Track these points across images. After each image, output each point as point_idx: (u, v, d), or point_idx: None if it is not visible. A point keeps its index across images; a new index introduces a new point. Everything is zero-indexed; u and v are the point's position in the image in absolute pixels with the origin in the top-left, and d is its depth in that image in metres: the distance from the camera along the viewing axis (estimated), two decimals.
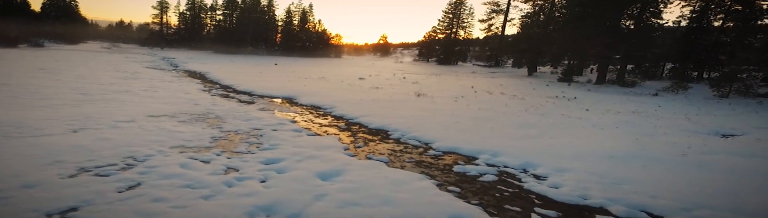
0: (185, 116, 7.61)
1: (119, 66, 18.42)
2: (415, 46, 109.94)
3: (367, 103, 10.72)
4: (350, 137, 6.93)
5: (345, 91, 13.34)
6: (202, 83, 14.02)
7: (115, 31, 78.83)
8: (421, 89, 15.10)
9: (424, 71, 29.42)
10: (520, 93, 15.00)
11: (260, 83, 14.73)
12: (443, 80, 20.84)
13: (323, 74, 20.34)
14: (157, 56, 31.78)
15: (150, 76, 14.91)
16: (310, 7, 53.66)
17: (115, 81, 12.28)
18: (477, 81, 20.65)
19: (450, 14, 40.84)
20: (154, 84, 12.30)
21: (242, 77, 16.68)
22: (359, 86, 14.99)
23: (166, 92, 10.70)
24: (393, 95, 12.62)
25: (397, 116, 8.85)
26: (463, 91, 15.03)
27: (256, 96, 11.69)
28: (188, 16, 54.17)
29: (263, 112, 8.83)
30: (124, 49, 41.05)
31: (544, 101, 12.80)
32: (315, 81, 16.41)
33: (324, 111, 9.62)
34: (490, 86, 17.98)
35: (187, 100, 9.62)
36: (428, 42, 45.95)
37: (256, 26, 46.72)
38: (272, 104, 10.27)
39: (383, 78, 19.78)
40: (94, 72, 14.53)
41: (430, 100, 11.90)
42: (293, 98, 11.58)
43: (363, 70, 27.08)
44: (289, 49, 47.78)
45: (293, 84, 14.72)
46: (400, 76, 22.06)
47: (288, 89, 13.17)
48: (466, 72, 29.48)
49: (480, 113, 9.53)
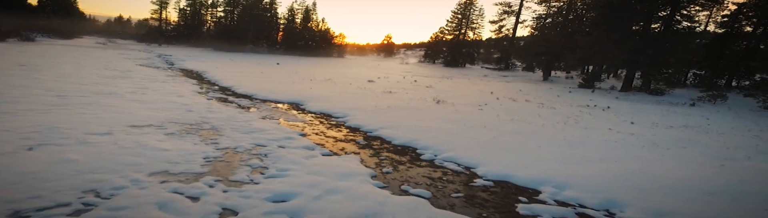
0: (175, 127, 6.41)
1: (110, 63, 17.21)
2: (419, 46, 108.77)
3: (384, 111, 9.54)
4: (374, 156, 5.75)
5: (356, 95, 12.16)
6: (198, 84, 12.82)
7: (112, 27, 77.51)
8: (437, 94, 13.93)
9: (434, 73, 28.26)
10: (547, 101, 13.83)
11: (262, 84, 13.53)
12: (457, 84, 19.67)
13: (329, 76, 19.16)
14: (154, 52, 30.55)
15: (142, 75, 13.70)
16: (314, 5, 52.51)
17: (101, 81, 11.08)
18: (493, 86, 19.49)
19: (459, 15, 39.71)
20: (144, 85, 11.10)
21: (243, 77, 15.48)
22: (370, 90, 13.81)
23: (156, 95, 9.49)
24: (410, 102, 11.45)
25: (422, 128, 7.67)
26: (484, 97, 13.87)
27: (258, 101, 10.49)
28: (188, 12, 52.95)
29: (267, 121, 7.64)
30: (120, 45, 39.80)
31: (577, 110, 11.64)
32: (321, 83, 15.22)
33: (336, 121, 8.43)
34: (510, 91, 16.82)
35: (179, 105, 8.42)
36: (435, 43, 44.83)
37: (258, 24, 45.52)
38: (277, 111, 9.08)
39: (393, 81, 18.61)
40: (79, 70, 13.32)
41: (452, 108, 10.73)
42: (300, 104, 10.40)
43: (370, 71, 25.90)
44: (291, 48, 46.57)
45: (298, 87, 13.54)
46: (410, 79, 20.88)
47: (293, 92, 11.99)
48: (477, 75, 28.32)
49: (515, 126, 8.36)
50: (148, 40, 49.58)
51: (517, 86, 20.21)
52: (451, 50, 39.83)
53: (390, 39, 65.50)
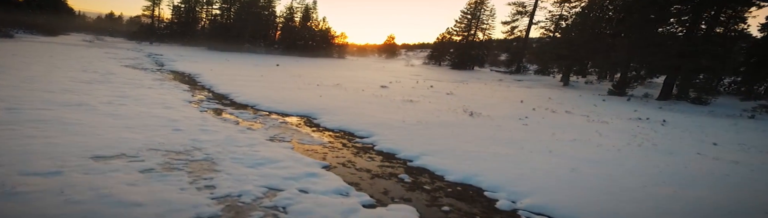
0: (155, 158, 4.78)
1: (91, 64, 15.48)
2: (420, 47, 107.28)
3: (415, 128, 7.94)
4: (432, 206, 4.18)
5: (374, 106, 10.55)
6: (190, 91, 11.15)
7: (103, 24, 75.47)
8: (464, 103, 12.36)
9: (445, 76, 26.70)
10: (588, 112, 12.30)
11: (265, 91, 11.90)
12: (476, 89, 18.12)
13: (337, 80, 17.53)
14: (143, 51, 28.78)
15: (125, 79, 12.01)
16: (315, 3, 50.81)
17: (73, 87, 9.39)
18: (516, 92, 17.96)
19: (468, 15, 38.19)
20: (125, 92, 9.42)
21: (241, 82, 13.83)
22: (388, 99, 12.20)
23: (137, 106, 7.83)
24: (438, 114, 9.85)
25: (474, 154, 6.09)
26: (517, 107, 12.31)
27: (262, 113, 8.86)
28: (182, 9, 51.10)
29: (277, 145, 6.01)
30: (108, 43, 37.97)
31: (634, 125, 10.10)
32: (331, 89, 13.60)
33: (362, 142, 6.82)
34: (539, 99, 15.28)
35: (165, 121, 6.77)
36: (441, 44, 43.30)
37: (256, 22, 43.78)
38: (286, 128, 7.45)
39: (408, 86, 17.02)
40: (51, 72, 11.61)
41: (492, 122, 9.16)
42: (312, 117, 8.77)
43: (377, 74, 24.30)
44: (290, 47, 44.85)
45: (306, 94, 11.91)
46: (424, 83, 19.30)
47: (301, 101, 10.36)
48: (491, 79, 26.80)
49: (585, 151, 6.79)
50: (139, 38, 47.73)
51: (542, 92, 18.68)
52: (459, 52, 38.30)
53: (393, 39, 63.94)
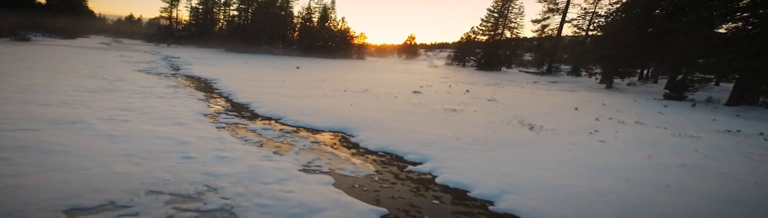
0: (154, 208, 3.48)
1: (102, 69, 14.53)
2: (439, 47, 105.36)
3: (474, 149, 6.52)
4: None
5: (415, 117, 9.14)
6: (205, 100, 9.95)
7: (122, 26, 76.17)
8: (514, 112, 10.83)
9: (474, 79, 25.08)
10: (661, 122, 10.60)
11: (288, 99, 10.62)
12: (517, 94, 16.50)
13: (363, 84, 16.19)
14: (160, 54, 28.06)
15: (135, 86, 10.91)
16: (333, 3, 49.72)
17: (74, 97, 8.27)
18: (562, 97, 16.27)
19: (495, 13, 36.37)
20: (131, 104, 8.25)
21: (262, 88, 12.61)
22: (427, 107, 10.77)
23: (142, 123, 6.60)
24: (493, 128, 8.38)
25: (574, 193, 4.65)
26: (576, 116, 10.71)
27: (289, 128, 7.55)
28: (200, 10, 50.73)
29: (314, 179, 4.67)
30: (126, 45, 37.61)
31: (732, 141, 8.42)
32: (360, 96, 12.25)
33: (417, 171, 5.44)
34: (592, 105, 13.60)
35: (173, 145, 5.51)
36: (465, 44, 41.58)
37: (273, 23, 42.92)
38: (321, 151, 6.10)
39: (442, 91, 15.54)
40: (55, 80, 10.59)
41: (560, 139, 7.65)
42: (348, 133, 7.42)
43: (403, 77, 22.88)
44: (308, 49, 43.84)
45: (334, 102, 10.58)
46: (458, 88, 17.79)
47: (332, 112, 9.03)
48: (525, 81, 25.06)
49: (711, 184, 5.24)
50: (156, 40, 47.49)
51: (588, 96, 16.93)
52: (485, 52, 36.51)
53: (413, 39, 62.32)
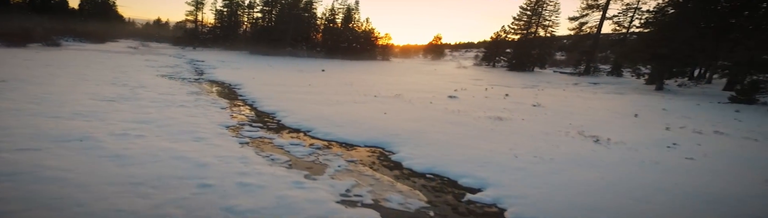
0: None
1: (125, 74, 14.22)
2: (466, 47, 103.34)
3: (540, 169, 5.51)
4: None
5: (459, 127, 8.16)
6: (228, 109, 9.29)
7: (150, 30, 78.27)
8: (567, 120, 9.68)
9: (509, 81, 23.79)
10: (746, 132, 9.23)
11: (317, 107, 9.84)
12: (561, 98, 15.22)
13: (393, 88, 15.31)
14: (185, 57, 28.08)
15: (155, 93, 10.39)
16: (356, 3, 49.15)
17: (89, 107, 7.73)
18: (612, 101, 14.90)
19: (528, 11, 34.83)
20: (149, 115, 7.63)
21: (288, 94, 11.91)
22: (469, 115, 9.76)
23: (158, 139, 5.91)
24: (552, 141, 7.31)
25: None
26: (640, 125, 9.47)
27: (319, 142, 6.73)
28: (225, 13, 51.16)
29: (356, 215, 3.78)
30: (153, 49, 38.15)
31: None
32: (392, 102, 11.36)
33: (479, 202, 4.51)
34: (651, 111, 12.24)
35: (190, 168, 4.76)
36: (495, 43, 40.15)
37: (297, 25, 42.68)
38: (359, 174, 5.24)
39: (480, 96, 14.46)
40: (74, 87, 10.19)
41: (638, 155, 6.52)
42: (386, 149, 6.55)
43: (433, 80, 21.87)
44: (333, 50, 43.38)
45: (366, 110, 9.73)
46: (495, 91, 16.65)
47: (365, 122, 8.17)
48: (564, 83, 23.58)
49: None
50: (182, 43, 48.16)
51: (642, 100, 15.46)
52: (517, 52, 35.03)
53: (439, 40, 61.05)
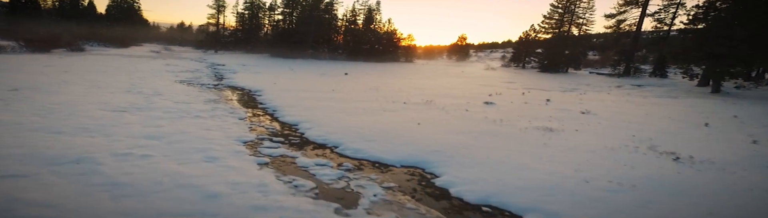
0: None
1: (142, 81, 13.82)
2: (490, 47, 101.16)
3: (622, 200, 4.54)
4: None
5: (507, 141, 7.17)
6: (247, 119, 8.57)
7: (174, 34, 79.84)
8: (628, 132, 8.53)
9: (544, 83, 22.45)
10: None
11: (342, 116, 9.03)
12: (610, 103, 13.94)
13: (422, 93, 14.38)
14: (206, 61, 27.96)
15: (171, 102, 9.81)
16: (378, 4, 48.51)
17: (97, 120, 7.13)
18: (668, 106, 13.53)
19: (560, 9, 33.28)
20: (159, 128, 6.96)
21: (311, 101, 11.16)
22: (514, 126, 8.73)
23: (165, 159, 5.18)
24: (624, 159, 6.23)
25: None
26: (716, 137, 8.23)
27: (349, 161, 5.87)
28: (246, 15, 51.37)
29: None
30: (175, 52, 38.48)
31: None
32: (424, 110, 10.44)
33: None
34: (720, 118, 10.88)
35: (198, 199, 3.97)
36: (524, 43, 38.67)
37: (318, 26, 42.29)
38: (400, 206, 4.36)
39: (518, 101, 13.36)
40: (86, 96, 9.71)
41: (740, 179, 5.40)
42: (428, 170, 5.65)
43: (463, 83, 20.81)
44: (355, 52, 42.77)
45: (397, 120, 8.84)
46: (533, 96, 15.48)
47: (398, 134, 7.29)
48: (606, 86, 22.07)
49: None
50: (204, 46, 48.61)
51: (703, 106, 14.00)
52: (549, 52, 33.48)
53: (464, 40, 59.67)
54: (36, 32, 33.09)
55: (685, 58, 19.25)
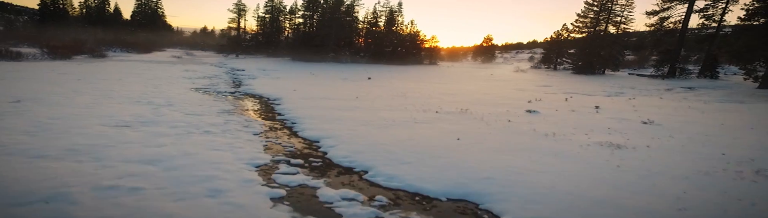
0: None
1: (156, 88, 13.19)
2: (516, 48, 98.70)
3: None
4: None
5: (569, 163, 5.94)
6: (262, 135, 7.62)
7: (197, 38, 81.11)
8: (716, 148, 7.13)
9: (584, 87, 20.85)
10: None
11: (370, 129, 7.97)
12: (668, 110, 12.41)
13: (454, 100, 13.22)
14: (226, 66, 27.54)
15: (181, 114, 9.01)
16: (399, 5, 47.55)
17: (93, 138, 6.31)
18: (741, 114, 11.91)
19: (595, 6, 31.44)
20: (160, 148, 6.07)
21: (333, 111, 10.17)
22: (572, 142, 7.48)
23: (157, 196, 4.24)
24: (732, 190, 4.93)
25: None
26: None
27: (381, 192, 4.79)
28: (267, 19, 51.28)
29: None
30: (196, 57, 38.47)
31: None
32: (461, 121, 9.28)
33: None
34: None
35: None
36: (556, 44, 36.87)
37: (339, 29, 41.64)
38: None
39: (563, 109, 12.02)
40: (93, 107, 9.02)
41: None
42: (482, 206, 4.55)
43: (495, 87, 19.48)
44: (377, 55, 41.88)
45: (432, 134, 7.71)
46: (578, 101, 14.07)
47: (436, 154, 6.17)
48: (653, 89, 20.30)
49: None
50: (226, 51, 48.72)
51: None
52: (584, 52, 31.62)
53: (490, 41, 57.88)
54: (62, 39, 33.83)
55: (750, 57, 17.35)
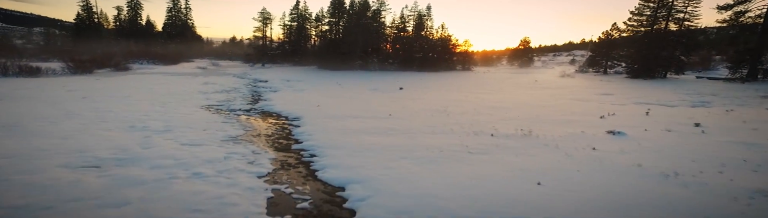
0: None
1: (164, 107, 11.78)
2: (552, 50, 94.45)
3: None
4: None
5: None
6: (269, 177, 5.79)
7: (225, 48, 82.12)
8: None
9: (654, 94, 18.03)
10: None
11: (412, 167, 5.99)
12: None
13: (508, 116, 11.06)
14: (248, 77, 26.39)
15: (177, 144, 7.38)
16: (428, 9, 45.70)
17: (35, 191, 4.72)
18: None
19: (652, 2, 28.39)
20: (118, 209, 4.33)
21: (362, 135, 8.26)
22: (701, 185, 5.24)
23: None
24: None
25: None
26: None
27: None
28: (293, 27, 50.68)
29: None
30: (221, 68, 37.85)
31: None
32: (527, 148, 7.16)
33: None
34: None
35: None
36: (606, 44, 33.76)
37: (367, 35, 40.12)
38: None
39: (653, 128, 9.61)
40: (74, 135, 7.55)
41: None
42: None
43: (547, 96, 17.05)
44: (406, 61, 39.98)
45: (496, 171, 5.64)
46: (662, 115, 11.58)
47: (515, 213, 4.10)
48: (741, 96, 17.24)
49: None
50: (252, 60, 48.29)
51: None
52: (640, 54, 28.46)
53: (527, 44, 54.83)
54: (94, 52, 34.06)
55: None
